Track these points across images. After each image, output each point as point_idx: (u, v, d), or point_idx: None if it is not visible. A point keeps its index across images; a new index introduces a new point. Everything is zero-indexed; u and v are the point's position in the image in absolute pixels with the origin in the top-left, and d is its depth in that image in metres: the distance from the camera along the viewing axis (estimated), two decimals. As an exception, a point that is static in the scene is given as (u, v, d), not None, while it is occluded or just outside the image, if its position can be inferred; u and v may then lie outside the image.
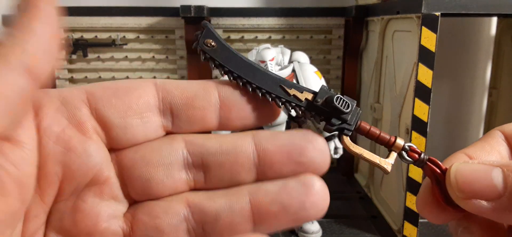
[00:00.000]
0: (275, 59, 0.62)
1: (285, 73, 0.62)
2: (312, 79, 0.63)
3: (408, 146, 0.22)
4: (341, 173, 0.94)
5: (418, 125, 0.60)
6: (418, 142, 0.61)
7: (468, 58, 0.99)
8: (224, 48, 0.21)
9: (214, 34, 0.21)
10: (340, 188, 0.87)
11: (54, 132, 0.18)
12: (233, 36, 0.91)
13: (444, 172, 0.21)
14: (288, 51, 0.66)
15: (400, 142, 0.22)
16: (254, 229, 0.20)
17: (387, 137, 0.22)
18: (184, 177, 0.20)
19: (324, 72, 0.85)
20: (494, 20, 0.95)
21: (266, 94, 0.21)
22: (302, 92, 0.22)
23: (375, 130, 0.22)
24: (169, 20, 0.88)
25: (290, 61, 0.65)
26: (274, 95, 0.21)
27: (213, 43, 0.21)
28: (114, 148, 0.20)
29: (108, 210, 0.19)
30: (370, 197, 0.82)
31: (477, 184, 0.19)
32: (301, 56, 0.66)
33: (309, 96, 0.22)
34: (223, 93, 0.21)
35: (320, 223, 0.67)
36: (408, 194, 0.63)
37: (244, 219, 0.20)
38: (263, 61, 0.61)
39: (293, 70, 0.63)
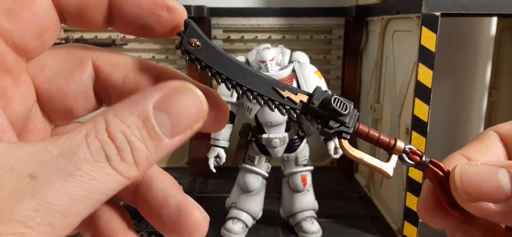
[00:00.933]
0: (275, 59, 0.62)
1: (285, 73, 0.62)
2: (312, 79, 0.63)
3: (409, 148, 0.21)
4: (341, 173, 0.94)
5: (418, 125, 0.60)
6: (418, 142, 0.61)
7: (468, 58, 0.99)
8: (210, 48, 0.20)
9: (199, 32, 0.20)
10: (340, 188, 0.87)
11: None
12: (233, 36, 0.91)
13: (447, 174, 0.21)
14: (288, 51, 0.66)
15: (400, 144, 0.21)
16: None
17: (387, 139, 0.21)
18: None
19: (324, 72, 0.85)
20: (494, 20, 0.95)
21: (257, 97, 0.20)
22: (296, 94, 0.20)
23: (374, 133, 0.21)
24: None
25: (290, 61, 0.65)
26: (266, 98, 0.20)
27: (198, 43, 0.19)
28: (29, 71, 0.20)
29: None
30: (370, 197, 0.82)
31: (484, 186, 0.19)
32: (301, 56, 0.66)
33: (304, 98, 0.20)
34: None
35: (320, 223, 0.67)
36: (408, 194, 0.63)
37: None
38: (263, 61, 0.61)
39: (293, 70, 0.63)
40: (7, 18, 0.17)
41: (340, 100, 0.20)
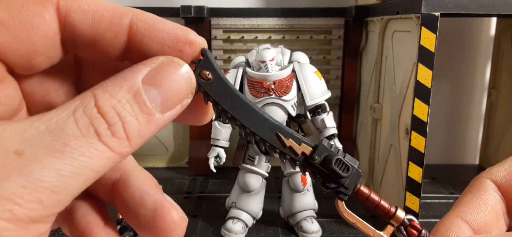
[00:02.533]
0: (275, 59, 0.62)
1: (285, 74, 0.62)
2: (312, 80, 0.64)
3: (409, 220, 0.21)
4: (341, 173, 0.94)
5: (418, 125, 0.60)
6: (417, 142, 0.61)
7: (467, 58, 0.99)
8: (221, 82, 0.19)
9: (213, 65, 0.19)
10: (340, 188, 0.87)
11: None
12: (233, 36, 0.91)
13: None
14: (288, 52, 0.66)
15: (400, 214, 0.21)
16: None
17: (387, 206, 0.21)
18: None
19: (324, 73, 0.85)
20: (494, 20, 0.95)
21: (259, 142, 0.20)
22: (299, 145, 0.20)
23: (375, 197, 0.21)
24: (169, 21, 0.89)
25: (290, 62, 0.65)
26: (268, 145, 0.20)
27: (209, 76, 0.19)
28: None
29: None
30: (369, 197, 0.82)
31: None
32: (301, 57, 0.66)
33: (307, 150, 0.20)
34: (135, 26, 0.18)
35: (320, 223, 0.67)
36: (408, 193, 0.63)
37: None
38: (263, 61, 0.62)
39: (293, 70, 0.63)
40: (4, 38, 0.16)
41: (342, 162, 0.20)
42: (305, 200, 0.68)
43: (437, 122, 1.00)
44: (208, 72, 0.19)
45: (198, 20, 0.84)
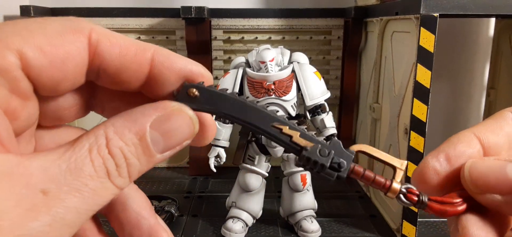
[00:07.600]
0: (275, 59, 0.63)
1: (284, 74, 0.62)
2: (312, 80, 0.64)
3: (406, 188, 0.22)
4: (341, 173, 0.94)
5: (417, 125, 0.61)
6: (417, 142, 0.61)
7: (466, 58, 1.00)
8: (209, 92, 0.20)
9: (194, 83, 0.20)
10: (340, 188, 0.88)
11: (3, 106, 0.18)
12: (233, 37, 0.91)
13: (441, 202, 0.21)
14: (287, 52, 0.66)
15: (396, 186, 0.22)
16: None
17: (382, 180, 0.22)
18: None
19: (324, 73, 0.85)
20: (492, 20, 0.96)
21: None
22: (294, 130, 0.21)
23: (370, 173, 0.22)
24: (170, 21, 0.89)
25: (290, 62, 0.65)
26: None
27: (196, 93, 0.20)
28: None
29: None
30: (369, 197, 0.83)
31: (492, 178, 0.20)
32: (301, 57, 0.67)
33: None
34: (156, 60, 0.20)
35: (319, 222, 0.68)
36: (407, 193, 0.63)
37: None
38: (263, 62, 0.62)
39: (293, 71, 0.64)
40: (38, 54, 0.17)
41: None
42: (305, 200, 0.68)
43: (436, 122, 1.00)
44: (194, 89, 0.20)
45: (199, 20, 0.84)
